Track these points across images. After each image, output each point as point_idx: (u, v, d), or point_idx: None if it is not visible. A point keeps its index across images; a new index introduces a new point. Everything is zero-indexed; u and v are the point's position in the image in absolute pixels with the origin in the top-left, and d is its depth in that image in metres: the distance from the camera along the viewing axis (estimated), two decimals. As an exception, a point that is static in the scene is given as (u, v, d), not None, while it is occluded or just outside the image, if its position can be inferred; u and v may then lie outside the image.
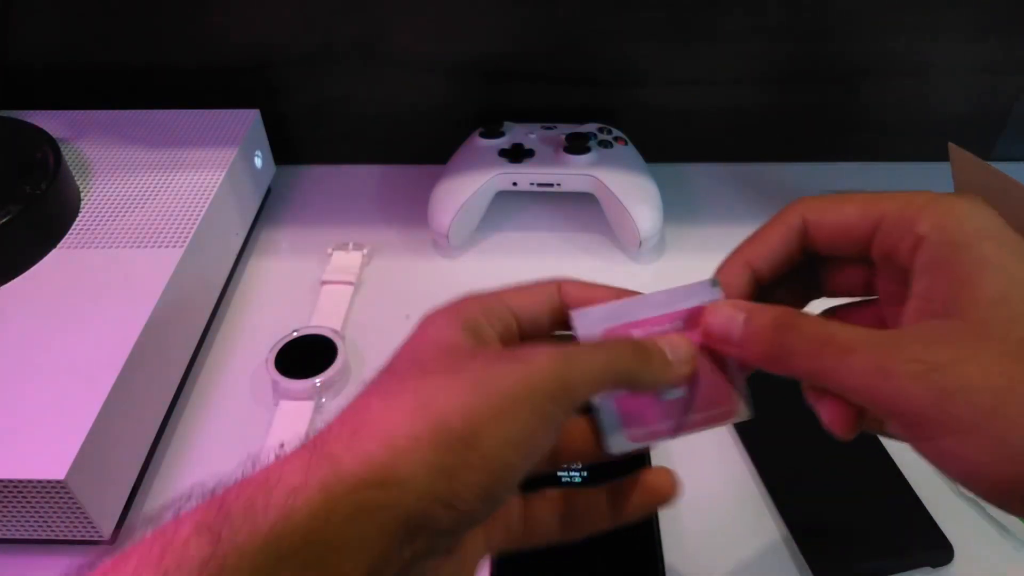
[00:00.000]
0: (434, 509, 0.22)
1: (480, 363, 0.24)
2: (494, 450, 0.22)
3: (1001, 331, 0.22)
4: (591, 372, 0.25)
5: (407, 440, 0.22)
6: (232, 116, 0.60)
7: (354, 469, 0.21)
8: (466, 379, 0.23)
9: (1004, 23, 0.59)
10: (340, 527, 0.21)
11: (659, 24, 0.60)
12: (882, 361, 0.23)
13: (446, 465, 0.22)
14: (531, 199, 0.62)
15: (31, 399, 0.40)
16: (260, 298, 0.56)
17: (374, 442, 0.22)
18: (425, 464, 0.22)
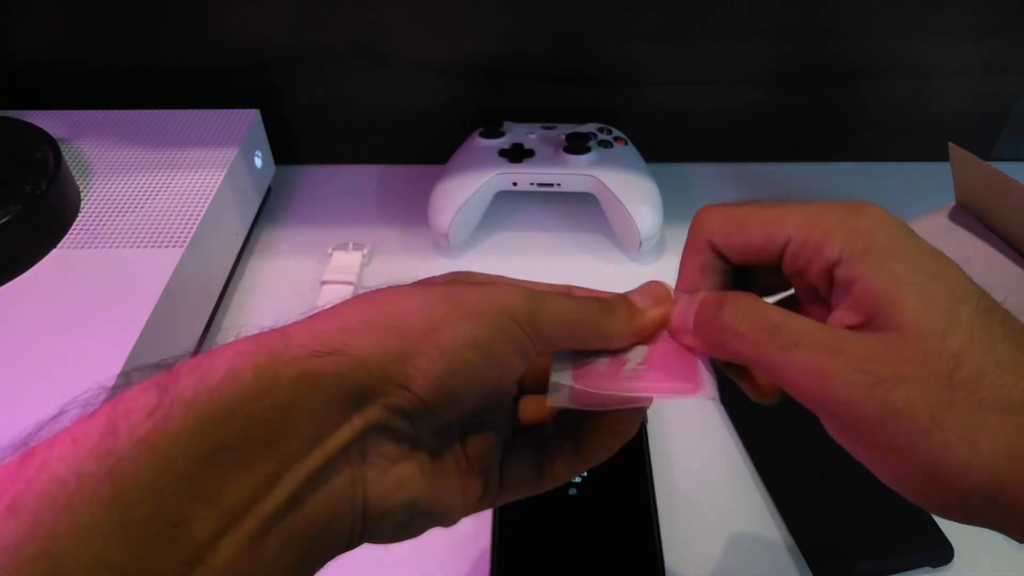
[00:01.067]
0: (386, 386, 0.22)
1: (459, 286, 0.25)
2: (452, 344, 0.23)
3: (936, 346, 0.22)
4: (558, 312, 0.25)
5: (361, 324, 0.22)
6: (232, 116, 0.60)
7: (303, 340, 0.22)
8: (434, 291, 0.24)
9: (1004, 23, 0.59)
10: (285, 389, 0.21)
11: (659, 24, 0.60)
12: (827, 364, 0.23)
13: (401, 349, 0.22)
14: (531, 199, 0.62)
15: (31, 399, 0.40)
16: (260, 298, 0.56)
17: (327, 322, 0.22)
18: (379, 344, 0.22)
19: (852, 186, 0.65)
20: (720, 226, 0.28)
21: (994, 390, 0.22)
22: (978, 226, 0.54)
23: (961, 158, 0.52)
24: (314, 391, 0.21)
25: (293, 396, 0.21)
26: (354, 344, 0.22)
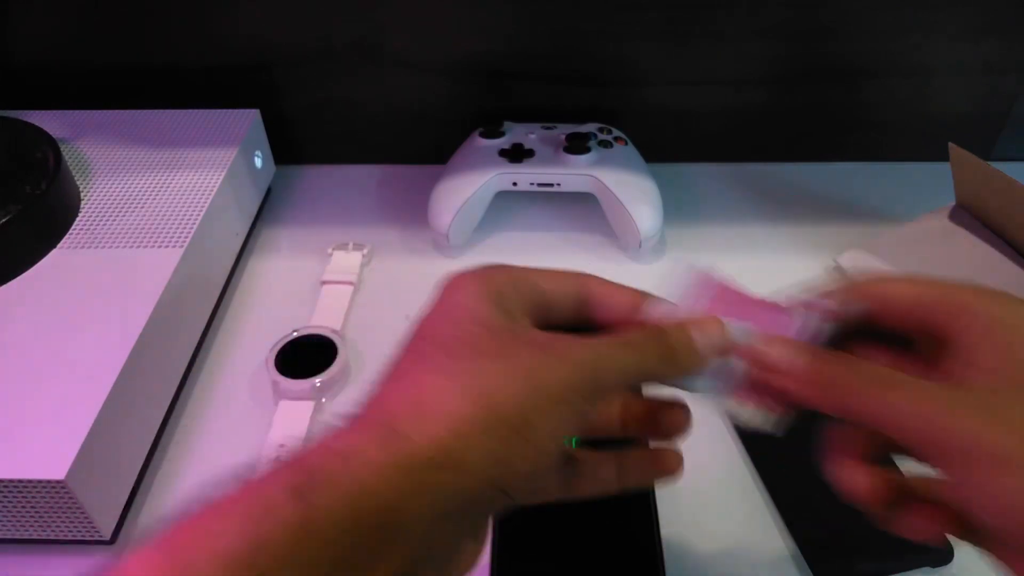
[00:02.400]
0: (490, 493, 0.24)
1: (526, 352, 0.25)
2: (542, 442, 0.24)
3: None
4: (621, 372, 0.27)
5: (469, 426, 0.23)
6: (232, 116, 0.60)
7: (424, 451, 0.23)
8: (517, 369, 0.25)
9: (1004, 23, 0.59)
10: (409, 502, 0.22)
11: (659, 24, 0.60)
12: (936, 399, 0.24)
13: (502, 453, 0.23)
14: (531, 199, 0.62)
15: (31, 399, 0.40)
16: (260, 298, 0.56)
17: (440, 425, 0.23)
18: (485, 451, 0.23)
19: (852, 186, 0.65)
20: (886, 279, 0.29)
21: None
22: (978, 226, 0.54)
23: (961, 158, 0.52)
24: (431, 505, 0.23)
25: (413, 510, 0.22)
26: (466, 455, 0.23)
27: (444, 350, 0.25)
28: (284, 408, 0.48)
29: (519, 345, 0.26)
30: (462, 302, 0.27)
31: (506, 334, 0.26)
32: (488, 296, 0.27)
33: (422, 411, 0.23)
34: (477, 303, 0.27)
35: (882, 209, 0.62)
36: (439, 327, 0.26)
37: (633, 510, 0.41)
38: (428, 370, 0.25)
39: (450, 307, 0.27)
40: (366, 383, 0.25)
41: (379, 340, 0.53)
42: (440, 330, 0.26)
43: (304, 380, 0.48)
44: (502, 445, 0.23)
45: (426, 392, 0.24)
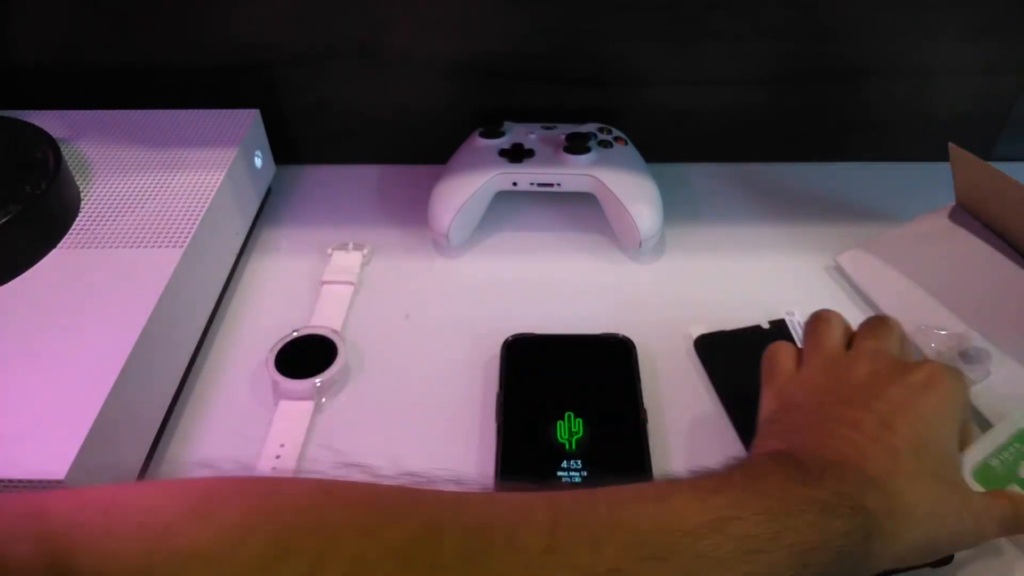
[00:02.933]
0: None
1: (965, 516, 0.33)
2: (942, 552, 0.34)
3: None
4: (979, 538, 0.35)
5: (913, 553, 0.32)
6: (232, 116, 0.60)
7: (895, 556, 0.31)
8: (958, 527, 0.33)
9: (1004, 23, 0.59)
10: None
11: (659, 24, 0.60)
12: None
13: (913, 559, 0.33)
14: (531, 199, 0.62)
15: (31, 399, 0.40)
16: (260, 298, 0.56)
17: (906, 542, 0.31)
18: (907, 562, 0.32)
19: (852, 186, 0.65)
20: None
21: None
22: (978, 226, 0.54)
23: (961, 158, 0.52)
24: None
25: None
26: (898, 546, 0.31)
27: (939, 478, 0.33)
28: (284, 408, 0.48)
29: (965, 506, 0.33)
30: (951, 431, 0.35)
31: (962, 487, 0.35)
32: (956, 423, 0.35)
33: (912, 528, 0.31)
34: (954, 435, 0.35)
35: (882, 209, 0.62)
36: (937, 445, 0.34)
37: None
38: (926, 495, 0.32)
39: (945, 428, 0.35)
40: (366, 383, 0.25)
41: (379, 340, 0.54)
42: (937, 450, 0.34)
43: (304, 380, 0.48)
44: (918, 558, 0.33)
45: (919, 515, 0.31)
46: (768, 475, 0.30)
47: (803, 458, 0.31)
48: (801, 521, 0.28)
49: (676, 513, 0.27)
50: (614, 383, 0.47)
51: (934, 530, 0.31)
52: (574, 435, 0.44)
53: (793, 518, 0.28)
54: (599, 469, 0.43)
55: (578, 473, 0.42)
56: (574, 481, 0.42)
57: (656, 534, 0.26)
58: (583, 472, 0.42)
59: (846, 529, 0.28)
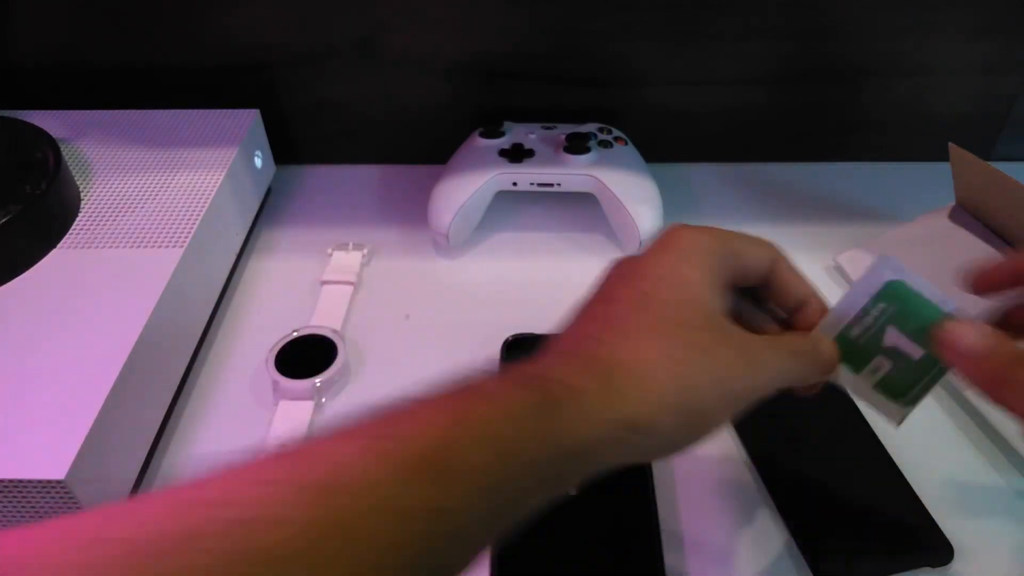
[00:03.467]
0: (656, 458, 0.31)
1: (726, 354, 0.30)
2: (713, 429, 0.29)
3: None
4: (792, 379, 0.32)
5: (670, 407, 0.28)
6: (232, 116, 0.60)
7: (632, 413, 0.27)
8: (717, 370, 0.29)
9: (1003, 23, 0.59)
10: (602, 450, 0.28)
11: (659, 24, 0.60)
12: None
13: (683, 434, 0.29)
14: (531, 199, 0.62)
15: (31, 399, 0.40)
16: (260, 298, 0.56)
17: (652, 396, 0.28)
18: (672, 429, 0.28)
19: (852, 186, 0.65)
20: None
21: None
22: (978, 226, 0.54)
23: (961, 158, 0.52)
24: (616, 460, 0.28)
25: (607, 461, 0.28)
26: (660, 430, 0.28)
27: (672, 324, 0.29)
28: (284, 408, 0.48)
29: (723, 343, 0.30)
30: (691, 277, 0.30)
31: (716, 326, 0.30)
32: (710, 271, 0.31)
33: (642, 380, 0.28)
34: (702, 280, 0.30)
35: (882, 209, 0.62)
36: (668, 292, 0.30)
37: (634, 509, 0.41)
38: (654, 343, 0.29)
39: (680, 276, 0.30)
40: (366, 383, 0.26)
41: (379, 340, 0.54)
42: (668, 297, 0.30)
43: (304, 380, 0.48)
44: (686, 428, 0.29)
45: (649, 366, 0.28)
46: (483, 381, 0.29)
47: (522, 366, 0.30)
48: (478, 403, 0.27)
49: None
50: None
51: (683, 377, 0.28)
52: None
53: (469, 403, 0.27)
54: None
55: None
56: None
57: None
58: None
59: (522, 400, 0.27)
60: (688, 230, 0.32)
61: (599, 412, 0.27)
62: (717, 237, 0.32)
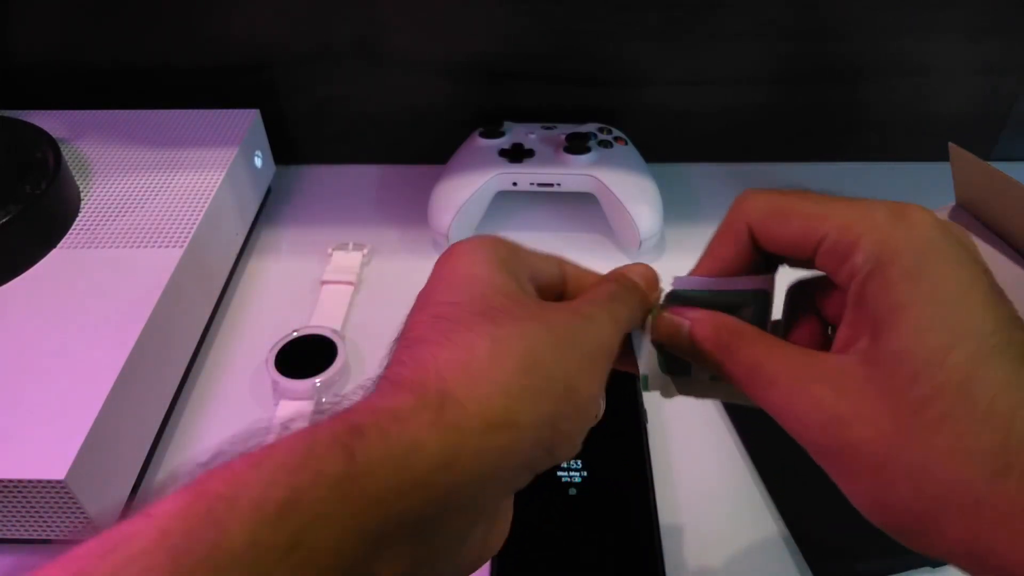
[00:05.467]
0: (539, 454, 0.23)
1: (559, 316, 0.26)
2: (584, 402, 0.25)
3: (901, 387, 0.22)
4: (629, 325, 0.29)
5: (520, 390, 0.23)
6: (232, 116, 0.60)
7: (479, 414, 0.22)
8: (556, 331, 0.25)
9: (1003, 23, 0.59)
10: (463, 463, 0.21)
11: (659, 24, 0.60)
12: (795, 403, 0.24)
13: (551, 416, 0.23)
14: (531, 199, 0.62)
15: (31, 399, 0.40)
16: (260, 298, 0.56)
17: (494, 388, 0.23)
18: (535, 414, 0.23)
19: (852, 186, 0.65)
20: (761, 214, 0.27)
21: (955, 437, 0.21)
22: (978, 226, 0.54)
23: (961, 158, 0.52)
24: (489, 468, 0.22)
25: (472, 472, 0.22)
26: (520, 417, 0.22)
27: (481, 315, 0.24)
28: (284, 408, 0.48)
29: (548, 309, 0.26)
30: (476, 273, 0.26)
31: (531, 301, 0.26)
32: (499, 265, 0.27)
33: (472, 375, 0.23)
34: (491, 273, 0.26)
35: (882, 209, 0.62)
36: (461, 294, 0.26)
37: (633, 510, 0.41)
38: (471, 334, 0.24)
39: (465, 278, 0.26)
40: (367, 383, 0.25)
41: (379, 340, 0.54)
42: (465, 295, 0.25)
43: (304, 380, 0.48)
44: (551, 407, 0.23)
45: (474, 355, 0.23)
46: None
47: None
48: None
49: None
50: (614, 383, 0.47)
51: (517, 354, 0.23)
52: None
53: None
54: (599, 469, 0.43)
55: (578, 473, 0.42)
56: (574, 481, 0.42)
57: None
58: (583, 472, 0.42)
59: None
60: (458, 244, 0.28)
61: (433, 425, 0.21)
62: (494, 241, 0.28)
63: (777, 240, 0.27)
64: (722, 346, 0.27)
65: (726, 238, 0.29)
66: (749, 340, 0.27)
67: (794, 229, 0.26)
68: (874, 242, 0.24)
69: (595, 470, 0.43)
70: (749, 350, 0.26)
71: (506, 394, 0.23)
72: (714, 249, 0.29)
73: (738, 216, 0.28)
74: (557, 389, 0.24)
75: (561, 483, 0.42)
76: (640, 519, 0.41)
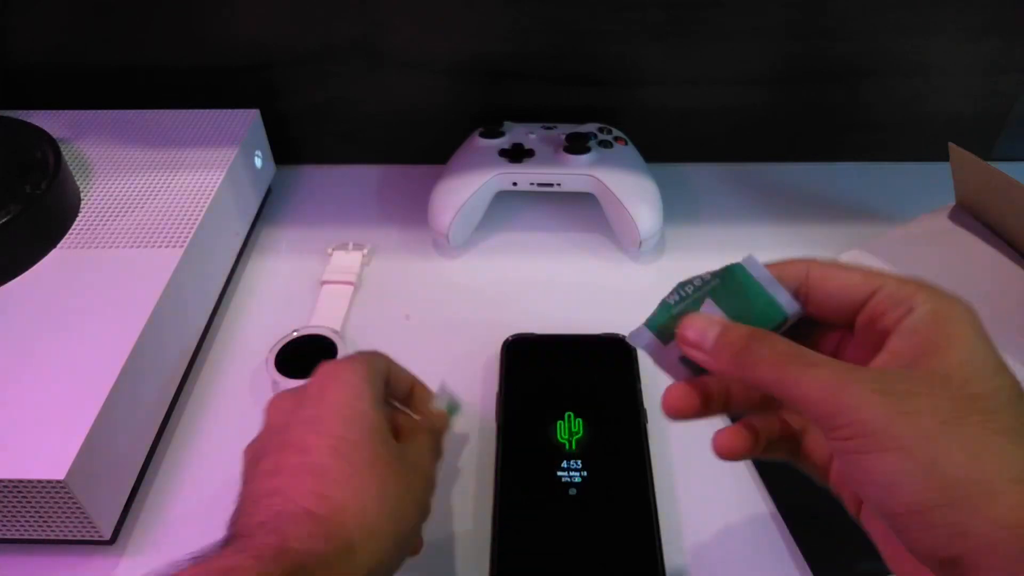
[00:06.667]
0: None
1: (391, 474, 0.33)
2: (406, 539, 0.33)
3: (956, 384, 0.24)
4: (436, 457, 0.38)
5: (386, 545, 0.31)
6: (232, 116, 0.60)
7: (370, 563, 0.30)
8: (387, 490, 0.32)
9: (1004, 23, 0.59)
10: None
11: (659, 24, 0.60)
12: (844, 377, 0.25)
13: (397, 550, 0.32)
14: (531, 199, 0.62)
15: (31, 399, 0.40)
16: (260, 298, 0.56)
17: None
18: (392, 551, 0.31)
19: (852, 186, 0.65)
20: (825, 263, 0.30)
21: (1009, 421, 0.24)
22: (978, 226, 0.54)
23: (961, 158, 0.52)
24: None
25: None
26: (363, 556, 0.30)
27: (367, 464, 0.32)
28: (284, 408, 0.48)
29: (386, 463, 0.32)
30: (363, 408, 0.34)
31: (393, 451, 0.33)
32: (373, 398, 0.34)
33: (368, 529, 0.30)
34: (371, 408, 0.34)
35: (882, 209, 0.62)
36: (355, 431, 0.33)
37: (633, 510, 0.41)
38: (361, 488, 0.31)
39: (356, 411, 0.33)
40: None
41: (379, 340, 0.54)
42: (357, 437, 0.32)
43: (304, 380, 0.48)
44: (398, 548, 0.32)
45: (366, 514, 0.30)
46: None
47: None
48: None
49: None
50: (614, 383, 0.48)
51: (388, 511, 0.31)
52: (574, 435, 0.44)
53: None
54: (599, 469, 0.43)
55: (578, 473, 0.42)
56: (574, 481, 0.42)
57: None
58: (583, 472, 0.42)
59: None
60: (344, 365, 0.36)
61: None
62: (367, 363, 0.36)
63: (837, 286, 0.29)
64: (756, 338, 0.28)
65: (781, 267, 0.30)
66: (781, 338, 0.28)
67: (855, 278, 0.29)
68: (933, 295, 0.27)
69: (595, 470, 0.43)
70: (785, 344, 0.27)
71: (385, 545, 0.31)
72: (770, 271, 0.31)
73: (801, 261, 0.30)
74: (382, 540, 0.31)
75: (561, 483, 0.42)
76: (640, 519, 0.41)
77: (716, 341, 0.28)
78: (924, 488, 0.23)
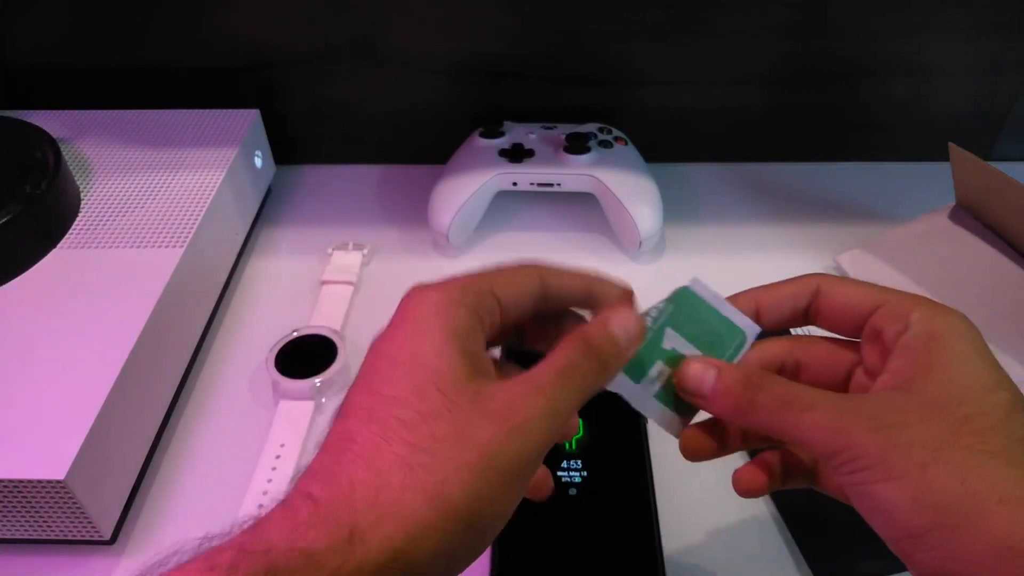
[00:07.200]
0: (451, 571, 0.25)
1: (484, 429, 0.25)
2: (488, 525, 0.25)
3: (948, 407, 0.26)
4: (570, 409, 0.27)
5: (423, 528, 0.24)
6: (232, 116, 0.60)
7: (378, 555, 0.23)
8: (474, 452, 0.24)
9: (1004, 23, 0.59)
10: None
11: (659, 24, 0.60)
12: (841, 418, 0.26)
13: (449, 548, 0.24)
14: (531, 199, 0.62)
15: (31, 399, 0.40)
16: (260, 298, 0.56)
17: (398, 528, 0.23)
18: (433, 550, 0.24)
19: (852, 186, 0.65)
20: (834, 278, 0.31)
21: (1002, 440, 0.25)
22: (978, 226, 0.54)
23: (961, 158, 0.52)
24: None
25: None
26: (416, 556, 0.23)
27: (407, 427, 0.25)
28: (284, 408, 0.48)
29: (477, 418, 0.25)
30: (424, 353, 0.26)
31: (464, 401, 0.25)
32: (451, 342, 0.26)
33: (381, 509, 0.24)
34: (436, 359, 0.26)
35: (882, 209, 0.62)
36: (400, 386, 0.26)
37: (633, 510, 0.41)
38: (389, 457, 0.24)
39: (411, 359, 0.26)
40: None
41: (379, 340, 0.54)
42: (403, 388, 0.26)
43: (304, 380, 0.48)
44: (452, 541, 0.24)
45: (387, 484, 0.24)
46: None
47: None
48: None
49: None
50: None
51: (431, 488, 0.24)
52: (574, 435, 0.44)
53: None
54: (599, 469, 0.43)
55: (578, 473, 0.42)
56: (574, 481, 0.42)
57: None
58: (583, 472, 0.42)
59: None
60: (420, 292, 0.28)
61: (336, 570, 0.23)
62: (457, 288, 0.28)
63: (843, 299, 0.30)
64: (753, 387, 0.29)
65: (793, 283, 0.32)
66: (777, 379, 0.29)
67: (862, 292, 0.30)
68: (929, 310, 0.28)
69: (595, 470, 0.43)
70: (782, 387, 0.28)
71: (408, 533, 0.23)
72: (780, 285, 0.32)
73: (812, 276, 0.32)
74: (461, 524, 0.24)
75: (561, 483, 0.42)
76: (640, 519, 0.41)
77: (714, 388, 0.29)
78: (918, 514, 0.25)
